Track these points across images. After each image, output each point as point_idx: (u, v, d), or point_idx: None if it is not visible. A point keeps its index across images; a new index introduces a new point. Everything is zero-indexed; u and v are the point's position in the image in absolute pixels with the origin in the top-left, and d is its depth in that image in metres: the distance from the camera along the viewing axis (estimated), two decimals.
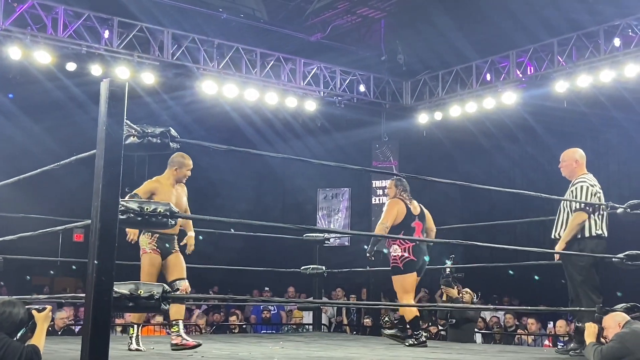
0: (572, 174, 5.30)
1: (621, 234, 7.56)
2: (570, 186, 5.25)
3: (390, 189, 6.31)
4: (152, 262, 5.19)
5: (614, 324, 4.53)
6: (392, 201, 6.21)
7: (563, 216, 5.21)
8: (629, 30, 9.46)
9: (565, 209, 5.21)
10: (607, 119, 10.89)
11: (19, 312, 3.50)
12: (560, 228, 5.19)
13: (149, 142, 3.20)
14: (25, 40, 9.06)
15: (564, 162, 5.35)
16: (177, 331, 5.14)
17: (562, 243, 5.07)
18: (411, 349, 5.87)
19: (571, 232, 5.07)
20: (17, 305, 3.54)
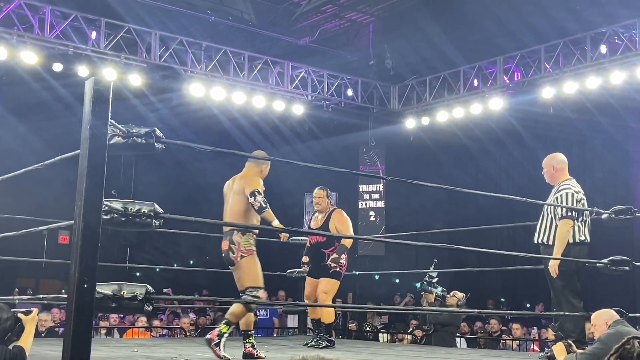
0: (553, 180, 5.32)
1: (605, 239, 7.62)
2: (555, 192, 5.25)
3: (323, 199, 6.45)
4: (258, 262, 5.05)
5: (601, 323, 4.54)
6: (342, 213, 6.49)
7: (547, 222, 5.21)
8: (615, 37, 9.53)
9: (549, 215, 5.20)
10: (593, 126, 10.96)
11: (7, 318, 3.47)
12: (544, 234, 5.19)
13: (133, 142, 3.19)
14: (11, 40, 8.99)
15: (544, 169, 5.40)
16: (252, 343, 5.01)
17: (557, 255, 5.04)
18: (396, 352, 5.87)
19: (563, 242, 5.04)
20: (3, 310, 3.51)
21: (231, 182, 5.21)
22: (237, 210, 5.03)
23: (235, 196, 5.04)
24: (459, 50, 11.20)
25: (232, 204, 5.06)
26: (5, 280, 12.59)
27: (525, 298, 11.65)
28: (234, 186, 5.12)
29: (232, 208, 5.05)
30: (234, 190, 5.08)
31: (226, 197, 5.18)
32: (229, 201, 5.10)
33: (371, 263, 12.86)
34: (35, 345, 5.01)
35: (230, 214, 5.06)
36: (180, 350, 5.49)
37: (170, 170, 13.52)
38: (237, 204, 5.03)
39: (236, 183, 5.11)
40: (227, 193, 5.17)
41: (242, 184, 5.03)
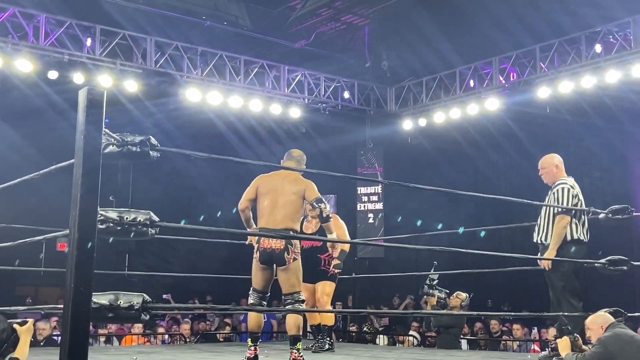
0: (553, 179, 5.33)
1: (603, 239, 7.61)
2: (553, 188, 5.27)
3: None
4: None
5: (596, 327, 4.54)
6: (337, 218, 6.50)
7: (545, 221, 5.23)
8: (610, 36, 9.54)
9: (548, 213, 5.22)
10: (589, 127, 10.96)
11: (3, 328, 3.45)
12: (542, 232, 5.21)
13: (128, 150, 3.17)
14: (6, 48, 8.99)
15: (544, 169, 5.38)
16: (300, 349, 4.92)
17: (552, 250, 5.07)
18: (396, 355, 5.86)
19: (559, 237, 5.06)
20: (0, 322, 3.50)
21: (277, 178, 5.01)
22: (293, 211, 4.92)
23: (292, 197, 4.92)
24: (455, 51, 11.21)
25: (288, 205, 4.90)
26: (4, 289, 12.56)
27: (526, 299, 11.64)
28: (285, 185, 4.96)
29: (288, 208, 4.90)
30: (290, 191, 4.94)
31: (270, 194, 4.95)
32: (281, 201, 4.91)
33: (370, 265, 12.85)
34: (34, 355, 5.00)
35: (285, 214, 4.89)
36: (180, 357, 5.47)
37: (168, 176, 13.49)
38: (294, 206, 4.92)
39: (290, 183, 4.96)
40: (271, 190, 4.96)
41: (301, 186, 4.94)
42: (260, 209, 4.98)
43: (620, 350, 4.32)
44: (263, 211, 4.95)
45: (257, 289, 4.99)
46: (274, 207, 4.91)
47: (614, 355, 4.31)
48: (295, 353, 4.85)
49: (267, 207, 4.93)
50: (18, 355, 3.43)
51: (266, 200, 4.95)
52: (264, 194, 4.98)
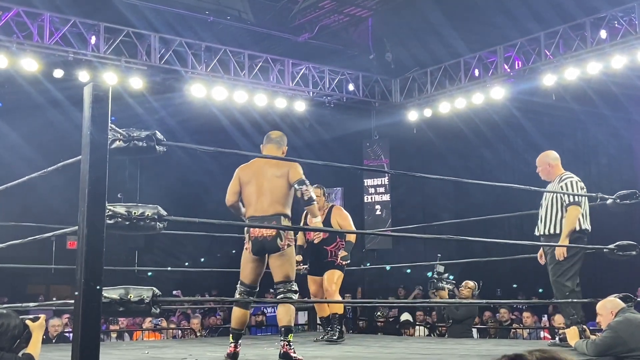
0: (549, 176, 5.40)
1: (612, 224, 7.59)
2: (558, 182, 5.28)
3: (320, 198, 6.25)
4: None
5: (606, 312, 4.55)
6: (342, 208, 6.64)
7: (551, 212, 5.22)
8: (615, 21, 9.49)
9: (553, 205, 5.23)
10: (595, 115, 10.93)
11: (15, 325, 3.49)
12: (550, 224, 5.21)
13: (135, 145, 3.19)
14: (11, 48, 9.02)
15: (539, 167, 5.48)
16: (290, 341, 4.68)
17: (565, 240, 5.07)
18: (406, 345, 5.88)
19: (571, 228, 5.08)
20: (11, 317, 3.53)
21: (257, 165, 4.81)
22: (280, 195, 4.69)
23: (277, 181, 4.70)
24: (459, 39, 11.18)
25: (274, 189, 4.69)
26: (16, 287, 12.66)
27: (536, 286, 11.63)
28: (267, 170, 4.74)
29: (274, 193, 4.69)
30: (273, 175, 4.72)
31: (252, 182, 4.76)
32: (267, 186, 4.71)
33: (379, 256, 12.87)
34: (46, 351, 5.04)
35: (272, 199, 4.68)
36: (191, 351, 5.51)
37: (174, 173, 13.55)
38: (280, 189, 4.69)
39: (272, 167, 4.74)
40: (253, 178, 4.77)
41: (284, 168, 4.71)
42: (246, 198, 4.78)
43: (631, 334, 4.32)
44: (249, 199, 4.76)
45: (245, 282, 4.76)
46: (260, 194, 4.72)
47: (625, 340, 4.31)
48: (286, 345, 4.62)
49: (253, 194, 4.74)
50: (30, 351, 3.47)
51: (250, 188, 4.75)
52: (247, 183, 4.78)
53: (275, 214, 4.65)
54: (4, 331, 3.44)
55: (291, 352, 4.62)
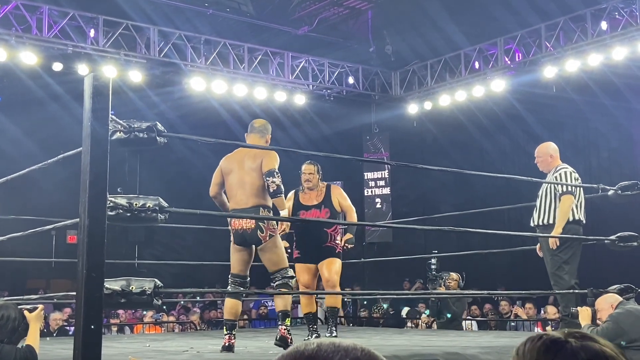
0: (548, 167, 5.45)
1: (613, 215, 7.58)
2: (552, 173, 5.33)
3: (314, 175, 5.65)
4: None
5: (606, 306, 4.56)
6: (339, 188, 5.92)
7: (546, 203, 5.27)
8: (616, 13, 9.46)
9: (547, 195, 5.26)
10: (596, 106, 10.90)
11: (15, 316, 3.49)
12: (545, 214, 5.25)
13: (135, 137, 3.19)
14: (10, 41, 8.99)
15: (539, 158, 5.49)
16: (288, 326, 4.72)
17: (559, 229, 5.10)
18: (407, 337, 5.88)
19: (565, 217, 5.12)
20: (10, 308, 3.54)
21: (238, 156, 4.82)
22: (258, 187, 4.70)
23: (253, 173, 4.72)
24: (459, 32, 11.14)
25: (252, 180, 4.70)
26: (17, 281, 12.64)
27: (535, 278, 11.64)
28: (245, 162, 4.75)
29: (252, 186, 4.70)
30: (250, 167, 4.73)
31: (233, 173, 4.78)
32: (246, 179, 4.73)
33: (379, 250, 12.86)
34: (47, 344, 5.05)
35: (251, 192, 4.70)
36: (192, 344, 5.51)
37: (174, 167, 13.52)
38: (257, 180, 4.70)
39: (251, 158, 4.75)
40: (234, 169, 4.79)
41: (258, 160, 4.71)
42: (228, 190, 4.81)
43: (631, 325, 4.33)
44: (230, 191, 4.79)
45: (235, 273, 4.77)
46: (240, 186, 4.74)
47: (625, 330, 4.33)
48: (283, 329, 4.67)
49: (233, 186, 4.77)
50: (30, 342, 3.47)
51: (232, 179, 4.78)
52: (228, 174, 4.81)
53: (253, 206, 4.70)
54: (4, 323, 3.45)
55: (288, 336, 4.65)
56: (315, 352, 1.04)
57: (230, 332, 4.70)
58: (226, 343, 4.68)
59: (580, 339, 1.17)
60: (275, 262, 4.74)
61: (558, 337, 1.19)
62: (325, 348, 1.04)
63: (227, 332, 4.70)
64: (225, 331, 4.71)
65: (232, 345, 4.69)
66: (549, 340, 1.19)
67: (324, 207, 5.52)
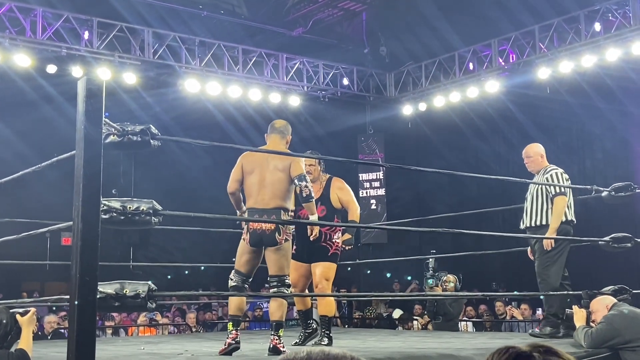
0: (538, 168, 5.43)
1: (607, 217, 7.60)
2: (542, 174, 5.32)
3: (315, 167, 5.41)
4: None
5: (601, 307, 4.57)
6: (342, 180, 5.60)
7: (537, 204, 5.25)
8: (609, 14, 9.50)
9: (539, 197, 5.26)
10: (590, 108, 10.94)
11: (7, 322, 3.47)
12: (537, 216, 5.24)
13: (129, 140, 3.19)
14: (4, 43, 8.97)
15: (530, 158, 5.46)
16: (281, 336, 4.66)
17: (554, 231, 5.10)
18: (402, 339, 5.87)
19: (559, 218, 5.12)
20: (2, 313, 3.51)
21: (262, 154, 4.73)
22: (282, 189, 4.64)
23: (279, 174, 4.64)
24: (453, 33, 11.16)
25: (276, 183, 4.64)
26: (11, 284, 12.60)
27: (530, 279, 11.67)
28: (270, 161, 4.66)
29: (276, 186, 4.64)
30: (276, 167, 4.65)
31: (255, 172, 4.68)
32: (269, 178, 4.65)
33: (374, 251, 12.87)
34: (41, 347, 5.03)
35: (274, 192, 4.63)
36: (187, 346, 5.50)
37: (170, 168, 13.50)
38: (282, 183, 4.64)
39: (275, 159, 4.66)
40: (256, 167, 4.69)
41: (287, 161, 4.64)
42: (248, 188, 4.72)
43: (626, 326, 4.34)
44: (250, 190, 4.70)
45: (241, 271, 4.69)
46: (262, 186, 4.67)
47: (620, 332, 4.34)
48: (275, 339, 4.60)
49: (254, 185, 4.68)
50: (23, 346, 3.45)
51: (253, 178, 4.70)
52: (249, 173, 4.71)
53: (275, 207, 4.63)
54: None
55: (280, 347, 4.62)
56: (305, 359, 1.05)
57: (237, 328, 4.65)
58: (235, 338, 4.60)
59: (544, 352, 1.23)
60: (281, 266, 4.69)
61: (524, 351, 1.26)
62: (315, 356, 1.06)
63: (234, 328, 4.63)
64: (232, 327, 4.64)
65: (239, 341, 4.64)
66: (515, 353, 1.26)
67: (320, 204, 5.28)
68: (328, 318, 5.38)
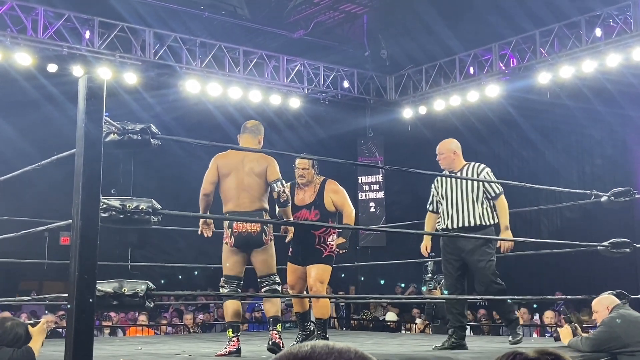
0: (452, 165, 5.26)
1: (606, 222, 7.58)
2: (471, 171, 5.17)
3: (308, 170, 5.33)
4: None
5: (602, 308, 4.57)
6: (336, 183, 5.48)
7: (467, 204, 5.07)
8: (610, 20, 9.51)
9: (469, 195, 5.08)
10: (590, 112, 10.94)
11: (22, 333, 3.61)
12: (470, 216, 5.04)
13: (129, 138, 3.18)
14: (5, 42, 8.98)
15: (441, 155, 5.29)
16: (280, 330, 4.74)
17: (508, 230, 5.01)
18: (400, 341, 5.87)
19: (507, 217, 5.05)
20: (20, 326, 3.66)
21: (236, 157, 4.76)
22: (260, 191, 4.71)
23: (255, 178, 4.70)
24: (454, 37, 11.17)
25: (254, 185, 4.69)
26: (9, 283, 12.59)
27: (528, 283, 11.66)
28: (246, 164, 4.73)
29: (255, 189, 4.70)
30: (252, 171, 4.71)
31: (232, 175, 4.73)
32: (247, 181, 4.70)
33: (372, 254, 12.87)
34: None
35: (253, 195, 4.69)
36: (185, 347, 5.49)
37: (170, 168, 13.49)
38: (259, 186, 4.71)
39: (251, 161, 4.73)
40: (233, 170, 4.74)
41: (263, 166, 4.70)
42: (225, 192, 4.76)
43: (625, 330, 4.34)
44: (228, 194, 4.74)
45: (231, 275, 4.73)
46: (241, 189, 4.71)
47: (619, 335, 4.33)
48: (275, 334, 4.68)
49: (232, 189, 4.72)
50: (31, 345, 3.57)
51: (229, 182, 4.73)
52: (225, 175, 4.75)
53: (257, 209, 4.71)
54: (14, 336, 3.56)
55: (281, 342, 4.68)
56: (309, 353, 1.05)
57: (237, 333, 4.68)
58: (235, 347, 4.61)
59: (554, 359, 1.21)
60: (270, 265, 4.77)
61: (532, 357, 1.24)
62: (319, 350, 1.05)
63: (235, 334, 4.66)
64: (232, 333, 4.66)
65: (239, 349, 4.65)
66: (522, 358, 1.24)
67: (314, 208, 5.28)
68: (323, 320, 5.38)
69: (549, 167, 11.95)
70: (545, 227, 11.64)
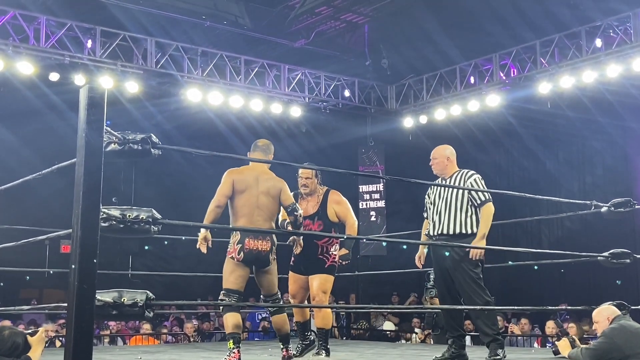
0: (445, 171, 5.17)
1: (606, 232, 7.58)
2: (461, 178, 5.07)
3: (311, 180, 5.33)
4: None
5: (602, 319, 4.56)
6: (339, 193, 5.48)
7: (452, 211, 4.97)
8: (610, 30, 9.54)
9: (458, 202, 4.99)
10: (591, 123, 10.96)
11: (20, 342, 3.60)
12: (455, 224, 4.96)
13: (130, 148, 3.18)
14: (7, 51, 9.01)
15: (435, 160, 5.18)
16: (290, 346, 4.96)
17: (483, 239, 4.90)
18: (400, 351, 5.85)
19: (489, 226, 4.95)
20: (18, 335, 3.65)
21: (251, 173, 4.85)
22: (274, 212, 4.88)
23: (269, 198, 4.81)
24: (455, 47, 11.21)
25: (269, 206, 4.83)
26: (10, 291, 12.59)
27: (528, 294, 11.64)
28: (261, 184, 4.83)
29: (269, 209, 4.82)
30: (266, 191, 4.82)
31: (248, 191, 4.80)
32: (262, 200, 4.80)
33: (373, 263, 12.86)
34: None
35: (268, 215, 4.83)
36: (184, 356, 5.48)
37: (172, 177, 13.51)
38: (274, 207, 4.85)
39: (266, 181, 4.84)
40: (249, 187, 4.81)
41: (277, 188, 4.84)
42: (238, 207, 4.80)
43: (625, 341, 4.33)
44: (242, 210, 4.79)
45: (233, 289, 4.77)
46: (255, 207, 4.80)
47: (619, 346, 4.32)
48: (289, 351, 4.90)
49: (247, 206, 4.79)
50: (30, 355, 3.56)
51: (244, 198, 4.79)
52: (240, 192, 4.80)
53: (269, 228, 4.86)
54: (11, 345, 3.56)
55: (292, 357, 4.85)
56: None
57: (238, 345, 4.72)
58: (237, 357, 4.68)
59: None
60: (274, 284, 4.94)
61: None
62: None
63: (236, 346, 4.69)
64: (233, 345, 4.68)
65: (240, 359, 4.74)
66: None
67: (317, 219, 5.28)
68: (325, 330, 5.32)
69: (549, 177, 11.96)
70: (545, 237, 11.63)
